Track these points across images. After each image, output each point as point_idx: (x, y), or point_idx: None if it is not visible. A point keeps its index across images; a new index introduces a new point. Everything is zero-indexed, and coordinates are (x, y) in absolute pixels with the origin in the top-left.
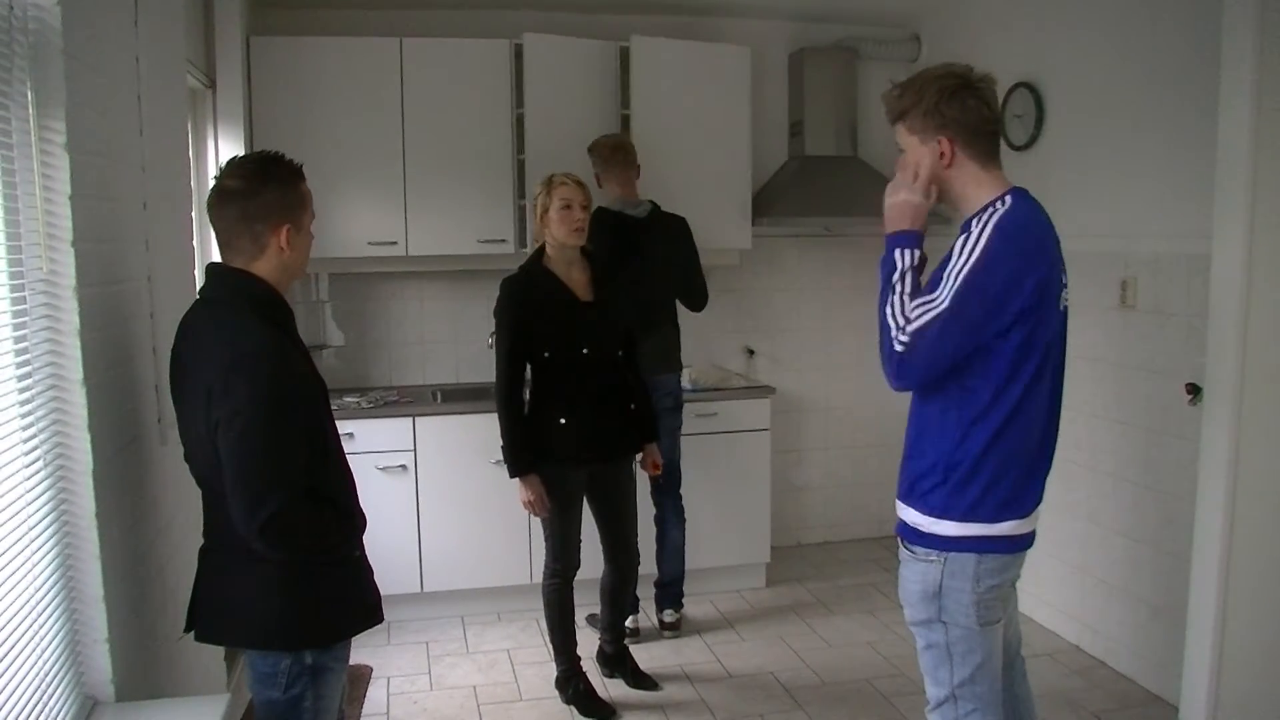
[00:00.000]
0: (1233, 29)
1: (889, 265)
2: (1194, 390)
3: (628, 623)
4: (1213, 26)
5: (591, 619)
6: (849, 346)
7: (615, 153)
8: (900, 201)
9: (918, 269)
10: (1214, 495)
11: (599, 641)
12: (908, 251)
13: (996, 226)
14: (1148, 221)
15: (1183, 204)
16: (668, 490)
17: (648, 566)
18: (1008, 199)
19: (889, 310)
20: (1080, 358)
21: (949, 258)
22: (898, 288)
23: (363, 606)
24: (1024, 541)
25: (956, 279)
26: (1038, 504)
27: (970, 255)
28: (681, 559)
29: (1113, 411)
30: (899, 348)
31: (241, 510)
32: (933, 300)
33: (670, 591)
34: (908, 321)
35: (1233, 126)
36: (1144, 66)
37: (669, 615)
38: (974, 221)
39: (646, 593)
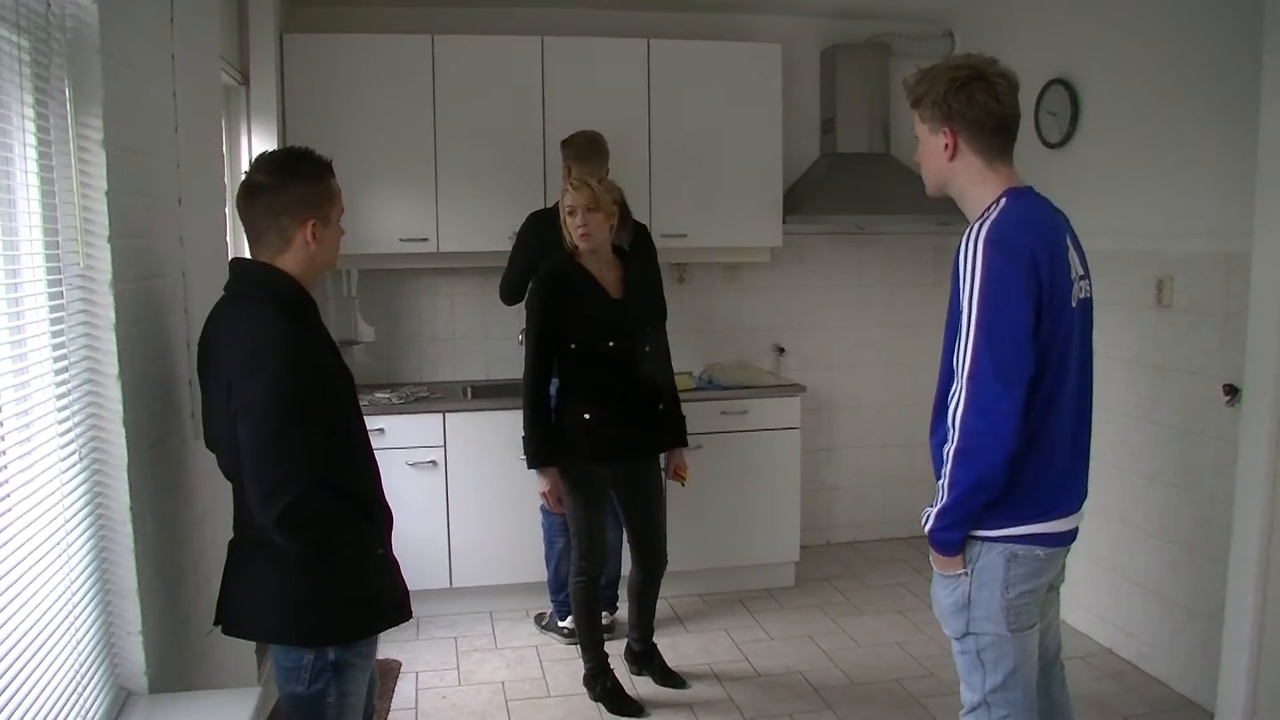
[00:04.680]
0: (1275, 23)
1: (953, 532)
2: (1232, 391)
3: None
4: (1254, 21)
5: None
6: (880, 345)
7: (590, 145)
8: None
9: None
10: (1254, 497)
11: (627, 639)
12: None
13: (986, 241)
14: (1185, 220)
15: (1221, 202)
16: None
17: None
18: (1002, 201)
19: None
20: (1114, 358)
21: (956, 286)
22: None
23: (387, 604)
24: (1059, 539)
25: (972, 308)
26: (1081, 502)
27: (974, 276)
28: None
29: (1148, 412)
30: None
31: (258, 499)
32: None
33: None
34: (953, 416)
35: (1275, 122)
36: (1182, 62)
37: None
38: (964, 243)
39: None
